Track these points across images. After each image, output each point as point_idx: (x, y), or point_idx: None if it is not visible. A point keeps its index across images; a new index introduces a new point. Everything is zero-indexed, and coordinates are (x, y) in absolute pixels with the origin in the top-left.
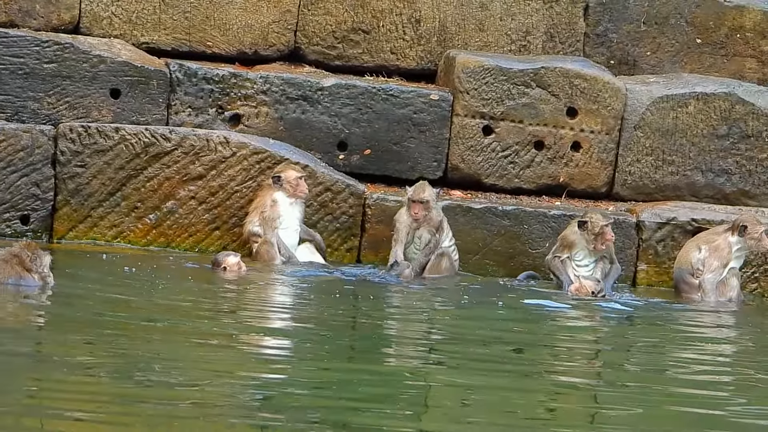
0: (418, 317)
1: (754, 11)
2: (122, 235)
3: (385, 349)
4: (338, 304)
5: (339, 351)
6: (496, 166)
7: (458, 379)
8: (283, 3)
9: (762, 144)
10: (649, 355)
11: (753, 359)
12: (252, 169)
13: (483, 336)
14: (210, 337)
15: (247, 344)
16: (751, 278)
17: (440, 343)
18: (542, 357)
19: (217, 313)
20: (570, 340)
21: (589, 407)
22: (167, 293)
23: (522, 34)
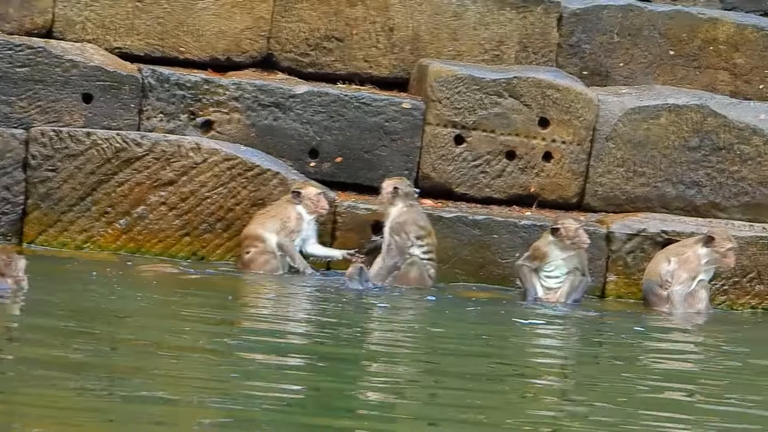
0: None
1: (728, 24)
2: (92, 239)
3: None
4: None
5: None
6: (468, 176)
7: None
8: (256, 10)
9: (733, 156)
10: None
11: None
12: (223, 175)
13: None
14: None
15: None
16: (720, 291)
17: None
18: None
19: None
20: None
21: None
22: (137, 300)
23: (495, 43)
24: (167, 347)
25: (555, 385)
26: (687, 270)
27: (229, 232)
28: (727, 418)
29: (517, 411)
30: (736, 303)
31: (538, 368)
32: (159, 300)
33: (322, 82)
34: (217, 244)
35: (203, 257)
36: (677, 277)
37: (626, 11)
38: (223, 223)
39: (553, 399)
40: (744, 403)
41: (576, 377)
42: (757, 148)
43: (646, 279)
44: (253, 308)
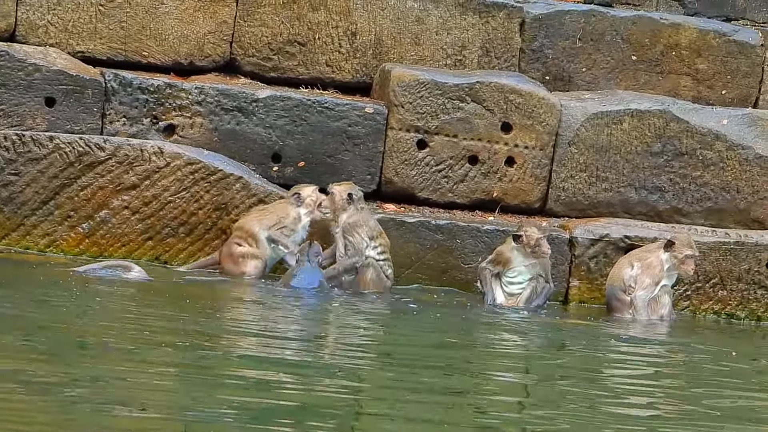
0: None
1: (690, 29)
2: (55, 243)
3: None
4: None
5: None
6: (430, 180)
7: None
8: (219, 14)
9: (696, 162)
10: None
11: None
12: (186, 179)
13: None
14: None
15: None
16: (683, 296)
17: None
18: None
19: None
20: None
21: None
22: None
23: (458, 48)
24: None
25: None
26: (650, 275)
27: (191, 237)
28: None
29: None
30: (699, 308)
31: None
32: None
33: (284, 86)
34: (180, 248)
35: (166, 261)
36: (640, 282)
37: (588, 16)
38: (185, 227)
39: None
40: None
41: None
42: (719, 153)
43: (609, 284)
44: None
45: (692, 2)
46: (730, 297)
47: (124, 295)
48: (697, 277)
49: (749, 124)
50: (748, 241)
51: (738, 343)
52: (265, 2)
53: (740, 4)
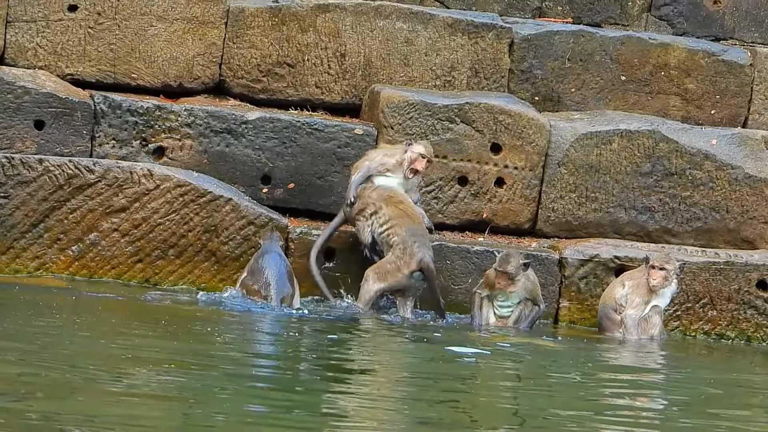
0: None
1: (679, 49)
2: (45, 266)
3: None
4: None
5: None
6: (420, 201)
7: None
8: (208, 36)
9: (685, 182)
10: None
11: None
12: (175, 202)
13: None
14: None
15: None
16: (673, 316)
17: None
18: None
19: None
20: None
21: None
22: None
23: (447, 69)
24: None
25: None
26: (640, 294)
27: (181, 259)
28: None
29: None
30: (689, 329)
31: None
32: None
33: (274, 108)
34: (170, 270)
35: (156, 283)
36: (630, 301)
37: (577, 37)
38: (175, 249)
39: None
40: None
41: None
42: (709, 173)
43: (601, 304)
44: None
45: (681, 22)
46: (720, 317)
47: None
48: (686, 297)
49: (738, 143)
50: (737, 261)
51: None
52: (254, 24)
53: (729, 23)
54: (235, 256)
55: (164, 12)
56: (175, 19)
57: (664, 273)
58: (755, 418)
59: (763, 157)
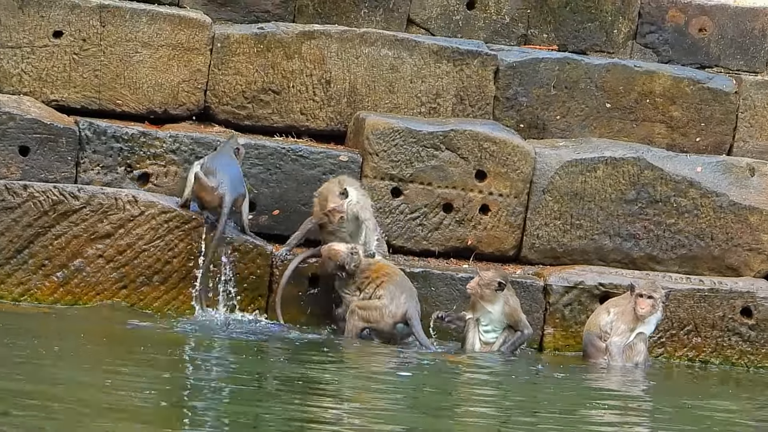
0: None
1: (664, 77)
2: (29, 292)
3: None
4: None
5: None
6: (405, 228)
7: None
8: (193, 62)
9: (670, 209)
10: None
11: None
12: (160, 228)
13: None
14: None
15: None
16: (657, 343)
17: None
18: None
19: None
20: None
21: None
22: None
23: (432, 96)
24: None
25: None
26: (625, 321)
27: (166, 285)
28: None
29: None
30: (673, 355)
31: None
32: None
33: (259, 134)
34: (155, 296)
35: (141, 310)
36: (615, 328)
37: (563, 64)
38: (160, 275)
39: None
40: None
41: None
42: (693, 200)
43: (586, 330)
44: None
45: (666, 50)
46: (705, 344)
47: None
48: (671, 324)
49: (723, 171)
50: (722, 288)
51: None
52: (239, 51)
53: (714, 51)
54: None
55: (149, 38)
56: (160, 46)
57: (651, 302)
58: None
59: (747, 185)
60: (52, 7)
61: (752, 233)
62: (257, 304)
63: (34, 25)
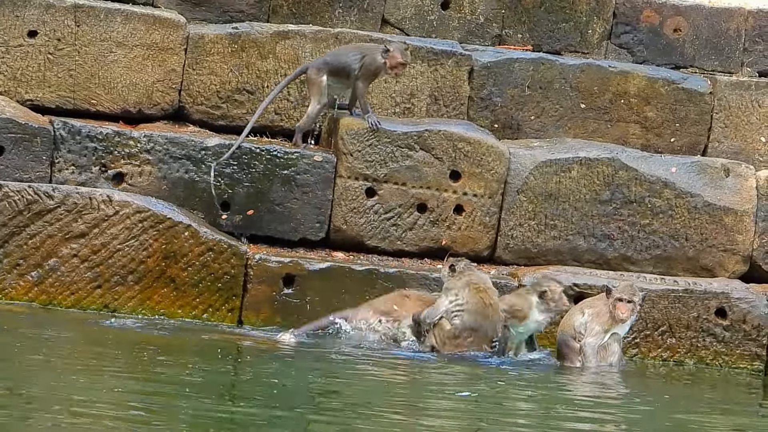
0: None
1: (639, 77)
2: (4, 292)
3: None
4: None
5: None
6: (379, 228)
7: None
8: (167, 62)
9: (644, 210)
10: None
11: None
12: (135, 228)
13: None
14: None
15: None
16: (632, 344)
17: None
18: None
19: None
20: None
21: None
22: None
23: (406, 96)
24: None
25: None
26: (599, 323)
27: (140, 285)
28: None
29: None
30: (647, 356)
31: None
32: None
33: (233, 134)
34: (129, 296)
35: (115, 309)
36: (590, 329)
37: (537, 64)
38: (134, 275)
39: None
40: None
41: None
42: (668, 201)
43: (560, 331)
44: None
45: (641, 50)
46: (679, 345)
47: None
48: (645, 325)
49: (698, 172)
50: (696, 288)
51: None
52: (213, 51)
53: (689, 52)
54: (194, 282)
55: (124, 38)
56: (134, 46)
57: (631, 306)
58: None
59: (722, 186)
60: (27, 7)
61: (727, 234)
62: (231, 304)
63: (8, 25)
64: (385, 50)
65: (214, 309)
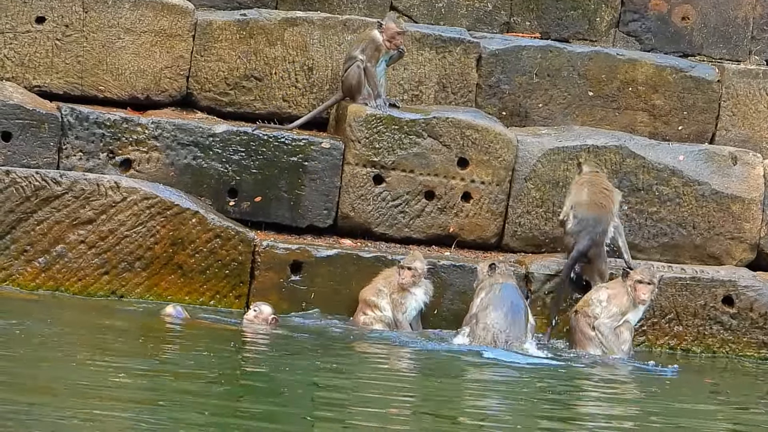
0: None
1: (646, 65)
2: (11, 278)
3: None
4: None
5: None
6: (387, 215)
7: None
8: (175, 49)
9: (652, 197)
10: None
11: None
12: (142, 214)
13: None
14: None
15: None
16: (639, 331)
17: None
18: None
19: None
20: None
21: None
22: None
23: (414, 83)
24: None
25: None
26: (617, 304)
27: (148, 271)
28: None
29: None
30: (654, 344)
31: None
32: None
33: (241, 121)
34: (136, 282)
35: (122, 296)
36: (606, 310)
37: (545, 52)
38: (142, 261)
39: None
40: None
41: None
42: (675, 189)
43: (576, 312)
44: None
45: (649, 38)
46: (686, 332)
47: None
48: (653, 313)
49: (705, 160)
50: (704, 276)
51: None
52: (221, 37)
53: (697, 40)
54: (202, 269)
55: (132, 24)
56: (142, 32)
57: (651, 287)
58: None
59: (730, 174)
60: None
61: (734, 222)
62: (239, 291)
63: (16, 11)
64: (378, 25)
65: (222, 295)
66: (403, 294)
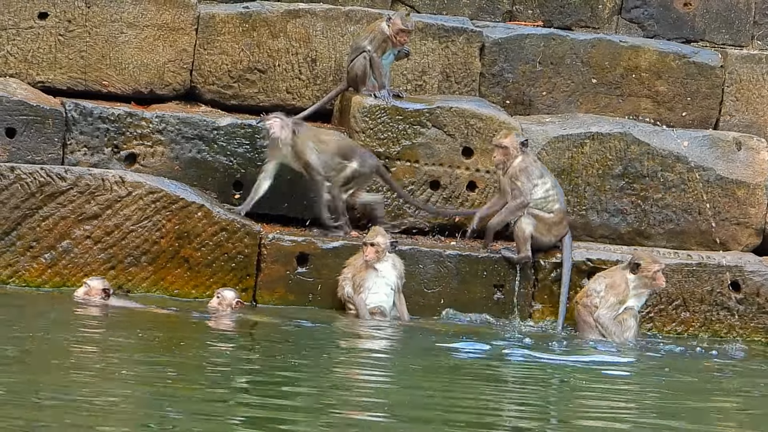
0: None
1: (650, 51)
2: (17, 274)
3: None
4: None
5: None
6: (392, 206)
7: None
8: (179, 42)
9: (657, 184)
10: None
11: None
12: (147, 208)
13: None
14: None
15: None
16: (646, 318)
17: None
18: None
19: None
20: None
21: None
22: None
23: (418, 73)
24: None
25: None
26: (615, 294)
27: (154, 265)
28: None
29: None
30: (662, 330)
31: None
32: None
33: (245, 114)
34: (143, 277)
35: (129, 290)
36: (604, 300)
37: (548, 40)
38: (148, 256)
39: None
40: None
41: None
42: (680, 175)
43: (577, 302)
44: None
45: (652, 24)
46: (693, 318)
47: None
48: (659, 299)
49: (710, 145)
50: (710, 262)
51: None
52: (224, 30)
53: (699, 25)
54: (208, 262)
55: (135, 19)
56: (145, 26)
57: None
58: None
59: (734, 159)
60: None
61: (740, 207)
62: (245, 284)
63: (19, 7)
64: (388, 18)
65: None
66: (362, 275)
